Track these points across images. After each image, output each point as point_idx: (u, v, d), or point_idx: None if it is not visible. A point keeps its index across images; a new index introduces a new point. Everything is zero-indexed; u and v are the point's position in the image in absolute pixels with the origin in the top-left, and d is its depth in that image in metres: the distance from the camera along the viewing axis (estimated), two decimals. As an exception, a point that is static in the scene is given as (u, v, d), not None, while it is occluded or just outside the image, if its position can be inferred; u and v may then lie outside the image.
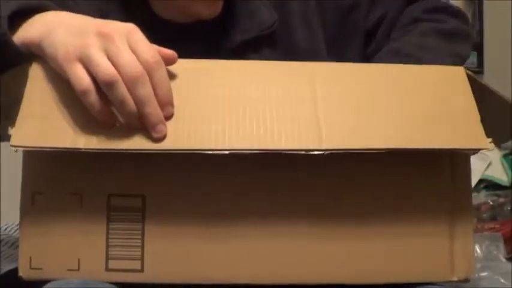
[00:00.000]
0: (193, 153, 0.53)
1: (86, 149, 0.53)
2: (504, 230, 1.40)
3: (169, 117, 0.54)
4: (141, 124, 0.53)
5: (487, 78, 2.08)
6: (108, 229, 0.56)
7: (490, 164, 1.78)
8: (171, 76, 0.56)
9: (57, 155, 0.55)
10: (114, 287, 0.56)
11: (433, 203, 0.59)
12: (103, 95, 0.53)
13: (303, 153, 0.54)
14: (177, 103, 0.55)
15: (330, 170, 0.58)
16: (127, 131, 0.54)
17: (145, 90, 0.52)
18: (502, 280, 0.81)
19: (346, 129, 0.55)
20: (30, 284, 0.56)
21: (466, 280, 0.60)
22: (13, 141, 0.52)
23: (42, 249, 0.56)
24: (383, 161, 0.58)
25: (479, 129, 0.57)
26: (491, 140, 0.56)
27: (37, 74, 0.56)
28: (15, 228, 1.15)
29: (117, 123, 0.54)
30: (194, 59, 0.58)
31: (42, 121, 0.54)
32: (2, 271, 0.79)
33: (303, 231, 0.57)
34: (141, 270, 0.56)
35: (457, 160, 0.60)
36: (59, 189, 0.56)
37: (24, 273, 0.56)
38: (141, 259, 0.56)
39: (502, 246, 1.20)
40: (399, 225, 0.58)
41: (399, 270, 0.59)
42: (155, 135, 0.53)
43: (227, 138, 0.54)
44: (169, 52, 0.56)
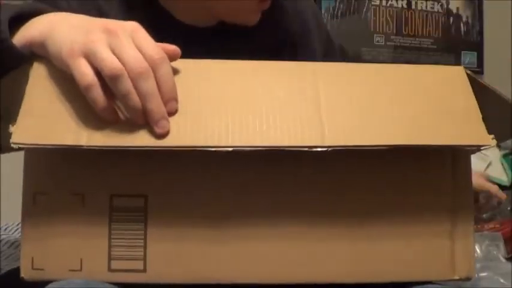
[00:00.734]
0: (196, 150, 0.53)
1: (88, 146, 0.53)
2: (504, 230, 1.40)
3: (173, 112, 0.54)
4: (144, 120, 0.53)
5: (487, 78, 2.08)
6: (110, 229, 0.56)
7: (490, 164, 1.78)
8: (175, 73, 0.56)
9: (58, 153, 0.55)
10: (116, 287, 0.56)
11: (433, 201, 0.59)
12: (106, 90, 0.53)
13: (306, 149, 0.54)
14: (180, 101, 0.55)
15: (332, 167, 0.58)
16: (130, 128, 0.54)
17: (150, 85, 0.53)
18: (501, 280, 0.81)
19: (348, 126, 0.55)
20: (31, 284, 0.56)
21: (467, 279, 0.60)
22: (14, 139, 0.52)
23: (44, 250, 0.56)
24: (384, 158, 0.58)
25: (480, 127, 0.57)
26: (493, 136, 0.56)
27: (39, 74, 0.56)
28: (15, 228, 1.15)
29: (119, 120, 0.54)
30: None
31: (44, 119, 0.54)
32: (2, 271, 0.79)
33: (305, 231, 0.57)
34: (144, 270, 0.56)
35: (458, 158, 0.60)
36: (61, 190, 0.56)
37: (26, 274, 0.56)
38: (144, 259, 0.56)
39: (502, 246, 1.20)
40: (400, 223, 0.59)
41: (400, 269, 0.59)
42: (158, 131, 0.53)
43: (230, 135, 0.54)
44: (172, 48, 0.56)
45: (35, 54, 0.57)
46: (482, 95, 0.60)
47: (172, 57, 0.56)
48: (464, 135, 0.57)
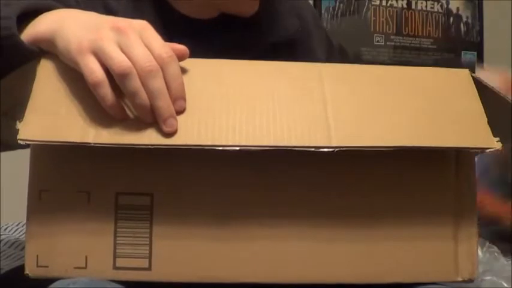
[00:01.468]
0: (203, 149, 0.53)
1: (95, 143, 0.53)
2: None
3: (181, 111, 0.55)
4: (152, 118, 0.54)
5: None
6: (116, 227, 0.56)
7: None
8: (183, 72, 0.56)
9: (65, 150, 0.55)
10: (121, 287, 0.56)
11: (437, 202, 0.60)
12: (115, 88, 0.53)
13: (313, 150, 0.54)
14: (189, 99, 0.55)
15: (336, 168, 0.58)
16: (137, 126, 0.54)
17: (158, 83, 0.53)
18: (504, 284, 0.81)
19: (354, 127, 0.56)
20: (30, 284, 0.56)
21: (470, 280, 0.60)
22: (21, 135, 0.52)
23: (49, 247, 0.56)
24: (389, 159, 0.58)
25: (486, 129, 0.57)
26: (498, 139, 0.56)
27: (46, 70, 0.56)
28: (15, 228, 1.14)
29: (127, 118, 0.54)
30: (207, 58, 0.58)
31: (51, 116, 0.54)
32: (2, 271, 0.79)
33: (310, 231, 0.58)
34: (149, 268, 0.56)
35: (462, 160, 0.60)
36: (67, 187, 0.56)
37: (30, 271, 0.55)
38: (149, 258, 0.56)
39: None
40: (404, 225, 0.59)
41: (403, 270, 0.59)
42: (166, 129, 0.53)
43: (237, 134, 0.54)
44: (181, 47, 0.56)
45: (43, 51, 0.57)
46: (484, 95, 0.60)
47: (180, 57, 0.56)
48: (469, 138, 0.57)
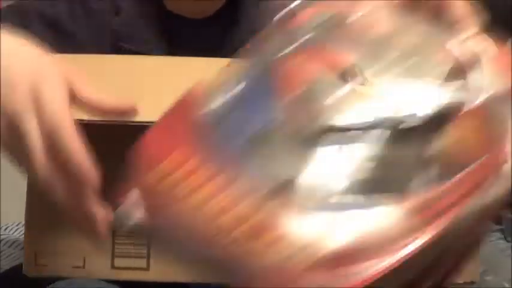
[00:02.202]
0: None
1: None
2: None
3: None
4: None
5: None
6: None
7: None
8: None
9: None
10: (116, 287, 0.56)
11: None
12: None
13: None
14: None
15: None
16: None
17: None
18: (506, 285, 0.81)
19: None
20: (29, 284, 0.56)
21: (471, 283, 0.59)
22: None
23: (47, 246, 0.56)
24: None
25: None
26: None
27: None
28: (15, 228, 1.15)
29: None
30: (203, 56, 0.58)
31: None
32: (2, 271, 0.78)
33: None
34: (147, 268, 0.56)
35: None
36: None
37: (29, 269, 0.55)
38: (147, 257, 0.56)
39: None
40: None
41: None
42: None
43: None
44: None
45: None
46: None
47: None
48: None
